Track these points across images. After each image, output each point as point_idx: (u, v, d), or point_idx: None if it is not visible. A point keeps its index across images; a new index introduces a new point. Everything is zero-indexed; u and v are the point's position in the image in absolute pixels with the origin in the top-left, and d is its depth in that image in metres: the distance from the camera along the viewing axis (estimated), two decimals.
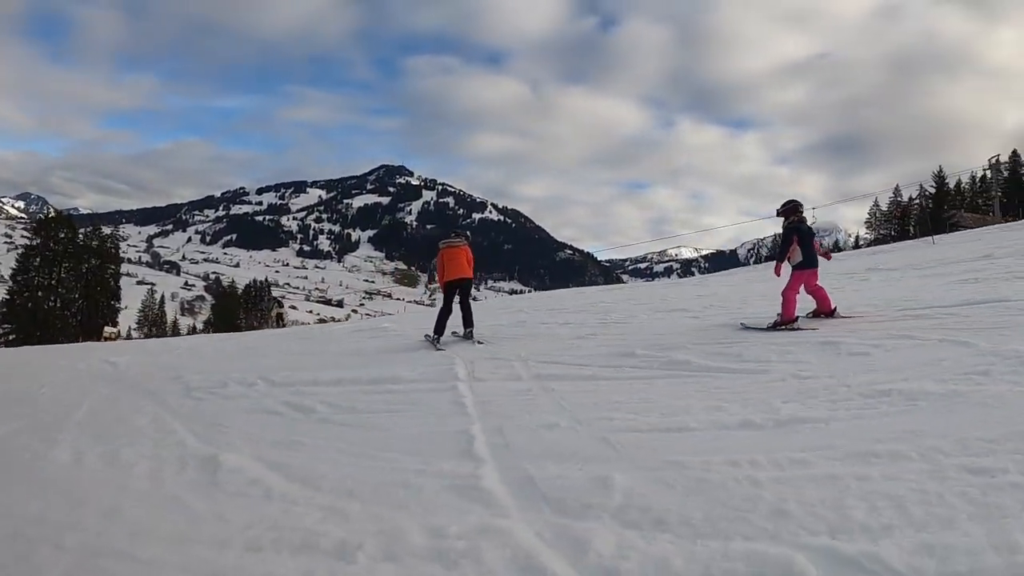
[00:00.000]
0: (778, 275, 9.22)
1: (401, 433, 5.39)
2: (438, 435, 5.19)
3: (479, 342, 10.26)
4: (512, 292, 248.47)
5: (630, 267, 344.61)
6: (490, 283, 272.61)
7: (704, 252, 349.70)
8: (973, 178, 79.31)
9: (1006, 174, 70.18)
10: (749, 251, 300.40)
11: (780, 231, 9.61)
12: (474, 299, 12.16)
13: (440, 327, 10.46)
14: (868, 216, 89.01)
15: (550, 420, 5.31)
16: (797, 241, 9.16)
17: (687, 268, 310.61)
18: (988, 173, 73.87)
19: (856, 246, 79.67)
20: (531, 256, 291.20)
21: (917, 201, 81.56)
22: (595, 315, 12.93)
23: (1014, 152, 76.51)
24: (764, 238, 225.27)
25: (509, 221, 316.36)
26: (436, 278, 11.31)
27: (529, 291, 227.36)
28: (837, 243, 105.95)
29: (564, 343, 9.49)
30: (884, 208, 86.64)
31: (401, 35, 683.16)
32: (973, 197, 75.89)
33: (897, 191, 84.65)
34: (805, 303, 9.09)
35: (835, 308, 9.16)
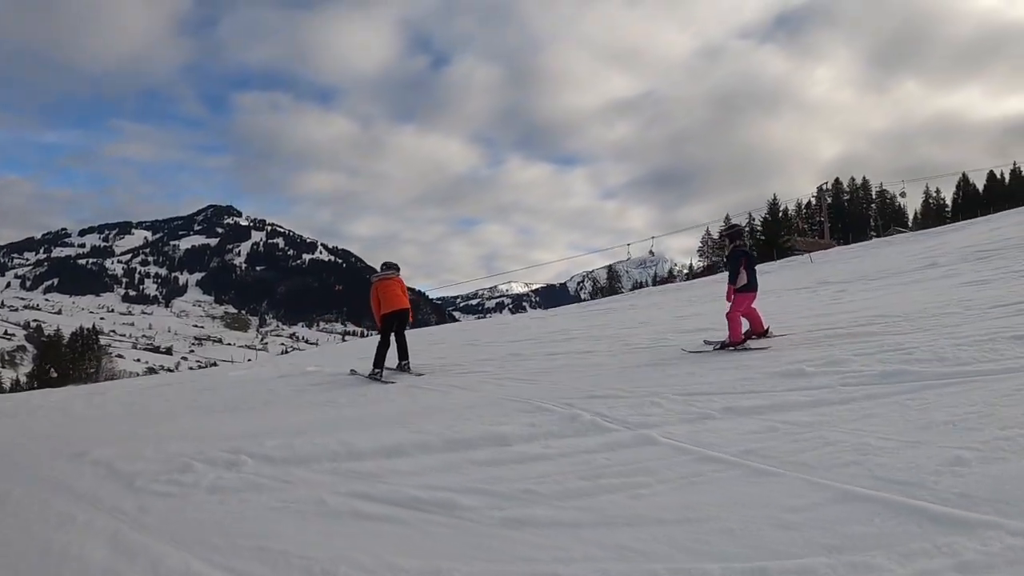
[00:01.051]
0: (730, 300, 9.23)
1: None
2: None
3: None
4: (345, 334, 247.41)
5: (461, 304, 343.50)
6: (322, 325, 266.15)
7: (535, 287, 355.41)
8: (799, 205, 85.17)
9: (830, 200, 74.70)
10: (579, 284, 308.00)
11: (726, 256, 9.82)
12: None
13: (380, 361, 10.16)
14: (700, 244, 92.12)
15: None
16: (744, 264, 9.21)
17: (518, 303, 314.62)
18: (814, 200, 79.58)
19: (691, 274, 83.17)
20: (363, 296, 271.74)
21: (747, 228, 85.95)
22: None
23: (836, 180, 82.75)
24: (593, 270, 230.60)
25: (340, 261, 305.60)
26: (373, 314, 10.83)
27: (363, 331, 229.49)
28: (671, 272, 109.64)
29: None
30: (716, 236, 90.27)
31: (232, 70, 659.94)
32: (799, 223, 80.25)
33: (727, 220, 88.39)
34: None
35: (768, 328, 9.35)
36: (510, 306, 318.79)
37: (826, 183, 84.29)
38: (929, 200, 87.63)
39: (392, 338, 10.55)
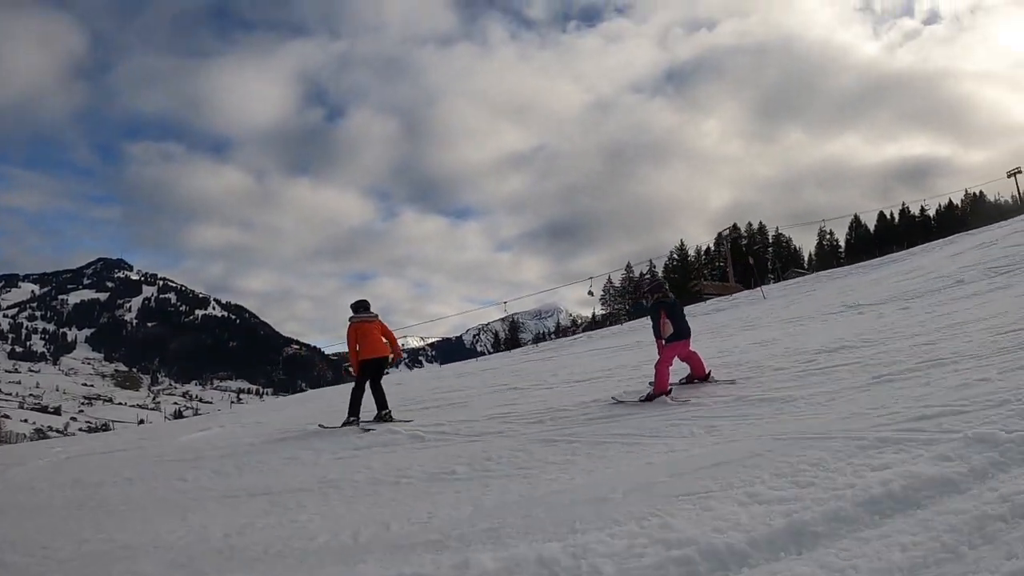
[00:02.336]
0: (664, 352, 9.02)
1: None
2: None
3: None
4: (240, 391, 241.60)
5: None
6: (216, 383, 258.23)
7: (431, 340, 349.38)
8: (698, 251, 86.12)
9: (728, 245, 75.36)
10: (474, 337, 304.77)
11: (648, 309, 9.97)
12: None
13: (356, 408, 9.83)
14: (603, 293, 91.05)
15: None
16: (665, 315, 9.09)
17: (414, 358, 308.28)
18: (712, 246, 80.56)
19: (591, 324, 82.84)
20: (257, 353, 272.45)
21: (647, 275, 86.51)
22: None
23: (734, 226, 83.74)
24: (489, 323, 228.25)
25: (233, 317, 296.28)
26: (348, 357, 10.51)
27: (258, 389, 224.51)
28: (574, 321, 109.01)
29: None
30: (617, 285, 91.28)
31: (124, 118, 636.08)
32: (700, 268, 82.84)
33: (629, 268, 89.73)
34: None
35: (709, 372, 9.30)
36: (406, 361, 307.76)
37: (727, 229, 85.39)
38: (823, 242, 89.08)
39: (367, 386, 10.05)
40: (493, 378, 15.83)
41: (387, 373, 11.35)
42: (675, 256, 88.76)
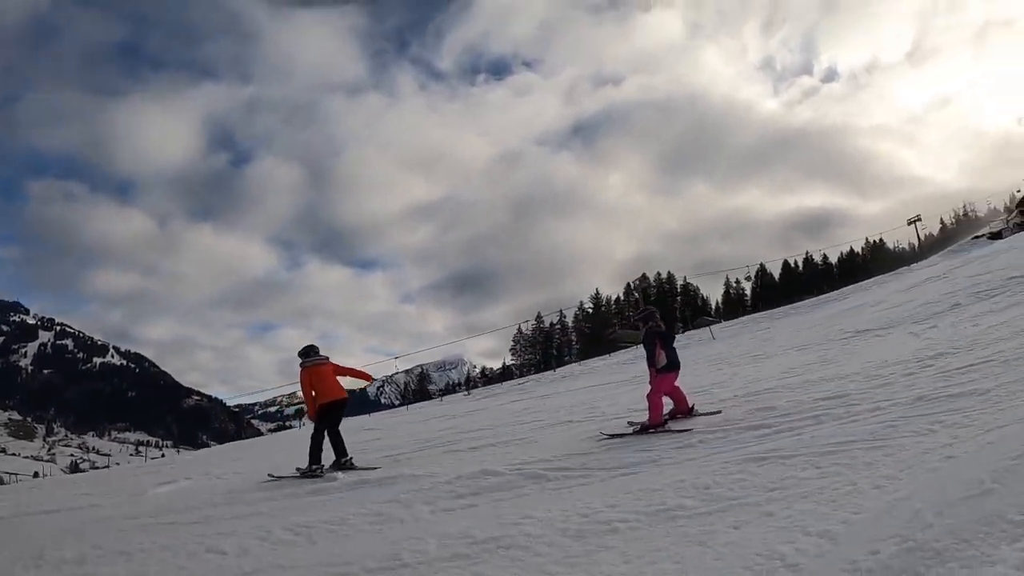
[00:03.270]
0: (651, 382, 8.98)
1: None
2: None
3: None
4: (139, 443, 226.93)
5: (260, 412, 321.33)
6: (114, 434, 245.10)
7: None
8: (608, 300, 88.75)
9: (637, 295, 77.58)
10: (379, 389, 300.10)
11: (642, 339, 9.65)
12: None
13: (318, 455, 9.42)
14: (513, 343, 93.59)
15: None
16: (660, 345, 9.00)
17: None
18: (622, 295, 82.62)
19: (503, 373, 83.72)
20: (156, 403, 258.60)
21: (559, 325, 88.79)
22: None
23: (643, 276, 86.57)
24: (394, 374, 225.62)
25: (133, 366, 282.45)
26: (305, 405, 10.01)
27: (157, 442, 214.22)
28: (483, 371, 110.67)
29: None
30: (528, 334, 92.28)
31: (26, 154, 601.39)
32: (610, 317, 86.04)
33: (539, 318, 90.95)
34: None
35: (693, 406, 9.24)
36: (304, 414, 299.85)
37: (636, 280, 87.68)
38: (730, 290, 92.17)
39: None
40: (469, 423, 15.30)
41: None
42: (590, 305, 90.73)
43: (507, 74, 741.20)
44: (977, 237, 50.91)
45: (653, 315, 9.48)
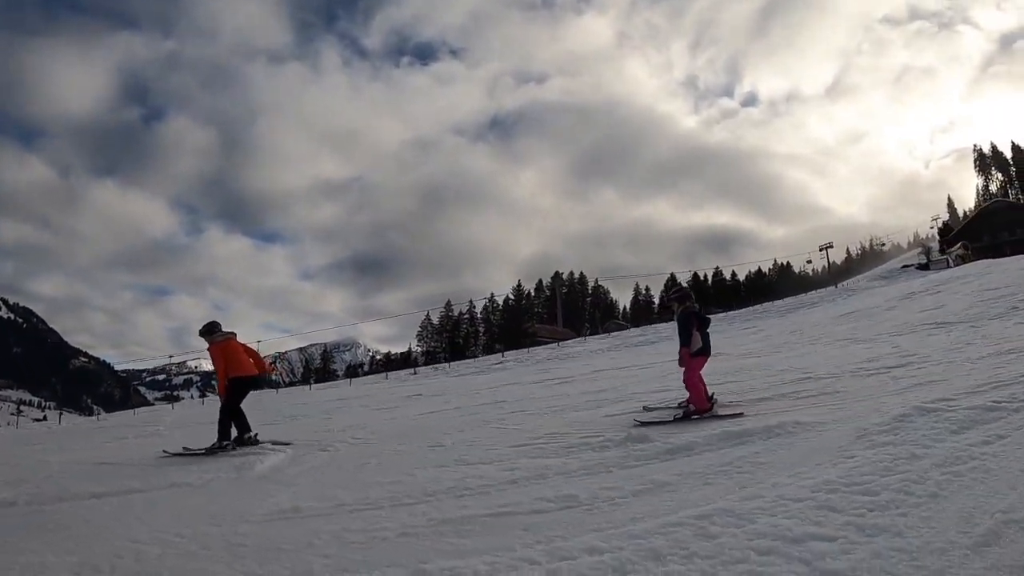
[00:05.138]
0: (681, 366, 8.50)
1: None
2: None
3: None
4: (21, 402, 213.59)
5: (147, 379, 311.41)
6: None
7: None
8: (528, 293, 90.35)
9: (561, 292, 78.15)
10: (270, 364, 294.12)
11: (676, 319, 9.03)
12: None
13: (227, 430, 9.10)
14: (420, 329, 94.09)
15: None
16: (697, 326, 8.54)
17: (208, 381, 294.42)
18: (532, 291, 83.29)
19: (409, 358, 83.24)
20: (42, 362, 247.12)
21: (467, 315, 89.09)
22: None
23: (557, 273, 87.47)
24: (286, 352, 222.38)
25: (20, 320, 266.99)
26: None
27: (40, 402, 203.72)
28: (373, 356, 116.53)
29: None
30: (436, 322, 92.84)
31: None
32: (532, 311, 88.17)
33: (448, 306, 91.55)
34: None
35: (712, 395, 8.58)
36: (199, 383, 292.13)
37: (561, 273, 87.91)
38: (639, 297, 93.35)
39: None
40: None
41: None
42: (510, 296, 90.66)
43: (432, 60, 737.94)
44: (906, 267, 53.44)
45: (689, 295, 9.14)
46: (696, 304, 9.00)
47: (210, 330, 9.61)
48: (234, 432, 9.22)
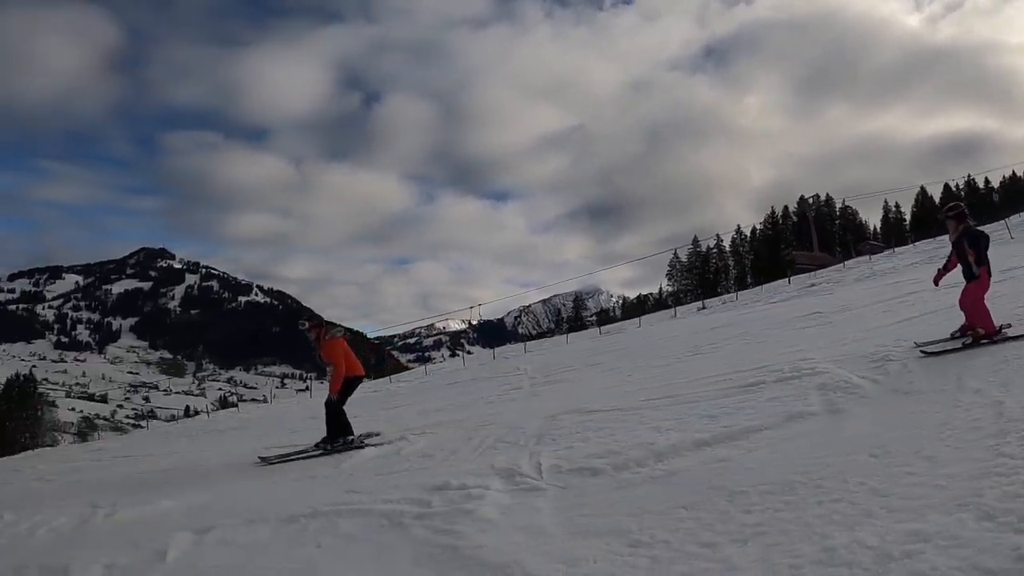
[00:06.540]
0: (985, 286, 7.50)
1: None
2: None
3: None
4: (284, 376, 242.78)
5: (399, 343, 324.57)
6: (260, 368, 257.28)
7: (473, 322, 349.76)
8: (778, 220, 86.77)
9: (796, 219, 75.98)
10: (516, 319, 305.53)
11: (954, 241, 7.93)
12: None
13: (347, 427, 8.80)
14: (669, 268, 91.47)
15: None
16: (985, 246, 7.61)
17: (456, 341, 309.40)
18: (794, 216, 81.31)
19: (660, 299, 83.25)
20: (301, 338, 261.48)
21: (715, 250, 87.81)
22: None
23: (802, 198, 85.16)
24: (529, 305, 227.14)
25: (276, 303, 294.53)
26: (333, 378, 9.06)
27: (302, 374, 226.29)
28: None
29: None
30: (684, 260, 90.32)
31: (161, 109, 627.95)
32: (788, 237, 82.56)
33: (696, 242, 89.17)
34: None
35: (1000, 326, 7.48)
36: (448, 344, 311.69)
37: (810, 197, 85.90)
38: (889, 215, 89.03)
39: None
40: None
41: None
42: (760, 226, 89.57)
43: None
44: None
45: (967, 214, 8.01)
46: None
47: (324, 324, 9.59)
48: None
